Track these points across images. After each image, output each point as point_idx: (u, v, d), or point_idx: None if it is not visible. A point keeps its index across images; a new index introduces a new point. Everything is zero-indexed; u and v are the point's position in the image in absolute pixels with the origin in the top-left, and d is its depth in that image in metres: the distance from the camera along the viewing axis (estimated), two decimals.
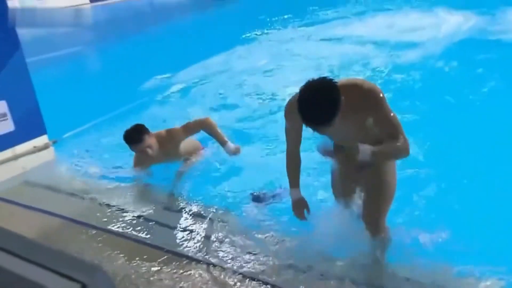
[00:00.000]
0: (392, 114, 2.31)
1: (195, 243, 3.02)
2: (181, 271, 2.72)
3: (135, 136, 3.61)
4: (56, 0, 18.42)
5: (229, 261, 2.81)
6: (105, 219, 3.37)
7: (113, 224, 3.29)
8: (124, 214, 3.42)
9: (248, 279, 2.65)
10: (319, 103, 2.11)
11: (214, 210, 3.40)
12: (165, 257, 2.88)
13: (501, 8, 9.29)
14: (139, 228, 3.23)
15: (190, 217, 3.39)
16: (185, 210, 3.47)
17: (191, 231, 3.17)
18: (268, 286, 2.60)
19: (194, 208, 3.49)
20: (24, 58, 4.32)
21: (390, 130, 2.32)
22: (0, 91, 4.12)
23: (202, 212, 3.42)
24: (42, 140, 4.49)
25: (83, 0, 19.37)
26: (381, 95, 2.29)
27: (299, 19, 11.27)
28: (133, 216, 3.38)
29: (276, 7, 13.76)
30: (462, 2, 10.39)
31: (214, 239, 3.05)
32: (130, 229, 3.22)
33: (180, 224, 3.29)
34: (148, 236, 3.13)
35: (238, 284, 2.61)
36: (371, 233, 2.72)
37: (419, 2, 11.59)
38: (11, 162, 4.22)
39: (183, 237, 3.11)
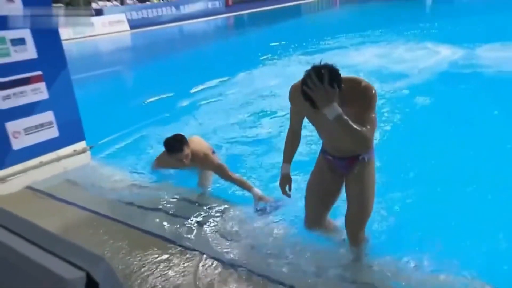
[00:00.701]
0: (373, 115, 2.18)
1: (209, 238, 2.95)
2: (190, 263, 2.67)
3: (176, 145, 3.52)
4: (102, 28, 18.75)
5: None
6: (128, 214, 3.36)
7: (134, 219, 3.26)
8: (144, 210, 3.39)
9: (254, 275, 2.55)
10: (322, 79, 2.04)
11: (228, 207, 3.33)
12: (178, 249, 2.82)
13: (479, 44, 9.28)
14: (155, 222, 3.19)
15: (209, 214, 3.30)
16: (206, 207, 3.39)
17: (210, 227, 3.10)
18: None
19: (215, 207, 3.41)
20: (70, 76, 4.31)
21: (368, 122, 2.15)
22: (49, 103, 4.11)
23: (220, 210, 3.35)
24: (81, 145, 4.47)
25: (124, 27, 19.59)
26: (376, 96, 2.21)
27: (304, 48, 11.21)
28: (150, 212, 3.35)
29: (285, 37, 13.84)
30: (448, 37, 10.38)
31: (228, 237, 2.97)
32: (147, 224, 3.18)
33: (199, 221, 3.21)
34: (167, 231, 3.06)
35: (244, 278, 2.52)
36: (352, 242, 2.62)
37: (411, 37, 11.55)
38: (55, 163, 4.21)
39: (200, 232, 3.03)
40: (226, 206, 3.36)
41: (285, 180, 2.68)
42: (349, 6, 25.08)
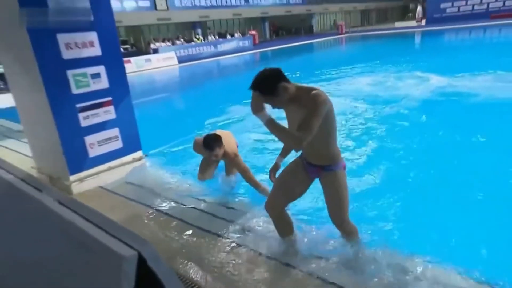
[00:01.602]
0: (317, 118, 1.99)
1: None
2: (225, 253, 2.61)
3: (212, 144, 3.40)
4: (157, 62, 19.07)
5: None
6: (173, 208, 3.37)
7: (179, 212, 3.27)
8: (186, 206, 3.40)
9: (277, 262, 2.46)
10: (259, 76, 2.05)
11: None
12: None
13: (462, 73, 9.02)
14: (195, 215, 3.19)
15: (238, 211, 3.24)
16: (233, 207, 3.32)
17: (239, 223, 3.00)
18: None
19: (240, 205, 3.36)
20: (131, 100, 4.36)
21: (306, 127, 1.98)
22: (116, 122, 4.14)
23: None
24: (138, 154, 4.47)
25: (174, 62, 19.87)
26: (323, 103, 2.00)
27: (314, 76, 11.05)
28: (192, 208, 3.35)
29: (299, 68, 13.72)
30: (435, 68, 10.09)
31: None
32: (188, 216, 3.17)
33: (227, 216, 3.16)
34: (205, 223, 3.04)
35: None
36: (341, 233, 2.49)
37: (403, 67, 11.28)
38: (119, 168, 4.24)
39: (231, 227, 2.95)
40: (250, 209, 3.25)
41: (274, 169, 2.61)
42: (353, 43, 24.79)
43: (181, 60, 20.32)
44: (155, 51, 20.17)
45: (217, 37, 25.17)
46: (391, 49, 18.74)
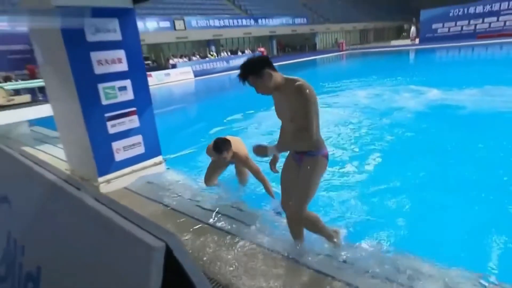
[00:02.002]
0: (312, 113, 1.99)
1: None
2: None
3: (220, 147, 3.30)
4: (175, 76, 19.26)
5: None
6: (189, 208, 3.37)
7: (195, 212, 3.27)
8: (201, 206, 3.40)
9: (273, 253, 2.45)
10: (249, 58, 2.09)
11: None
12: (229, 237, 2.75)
13: (454, 86, 9.00)
14: (210, 215, 3.17)
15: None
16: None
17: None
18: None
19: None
20: (153, 110, 4.38)
21: (304, 124, 2.00)
22: (139, 129, 4.18)
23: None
24: (158, 158, 4.48)
25: (191, 76, 20.04)
26: (309, 96, 1.99)
27: (316, 89, 11.01)
28: (206, 208, 3.33)
29: None
30: (428, 82, 10.06)
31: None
32: (204, 216, 3.15)
33: (241, 214, 3.16)
34: (218, 223, 3.00)
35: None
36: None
37: (399, 81, 11.25)
38: (141, 171, 4.26)
39: (243, 225, 2.93)
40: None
41: (274, 160, 2.61)
42: (353, 59, 24.75)
43: (196, 74, 20.46)
44: (174, 66, 20.37)
45: (229, 54, 25.33)
46: (388, 64, 18.69)
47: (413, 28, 30.77)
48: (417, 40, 29.42)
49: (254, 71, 2.05)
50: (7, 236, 1.66)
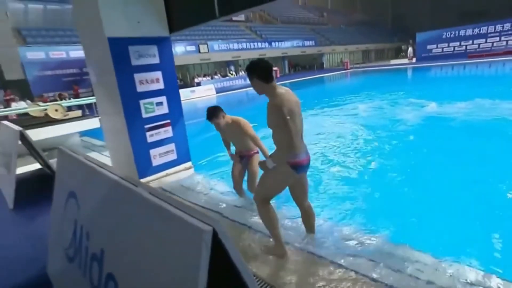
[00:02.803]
0: (285, 119, 1.98)
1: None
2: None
3: (208, 115, 3.13)
4: (200, 93, 19.61)
5: None
6: (216, 205, 3.40)
7: (220, 209, 3.30)
8: (227, 204, 3.42)
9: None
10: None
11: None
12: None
13: (449, 100, 8.87)
14: (234, 212, 3.19)
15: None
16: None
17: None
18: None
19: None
20: (184, 121, 4.49)
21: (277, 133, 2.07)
22: (172, 139, 4.29)
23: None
24: (188, 164, 4.56)
25: (213, 93, 20.35)
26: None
27: (324, 103, 11.02)
28: (231, 205, 3.37)
29: (312, 96, 13.75)
30: (426, 96, 9.95)
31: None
32: (228, 212, 3.19)
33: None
34: (242, 219, 3.00)
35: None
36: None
37: (398, 95, 11.12)
38: (174, 174, 4.36)
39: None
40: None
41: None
42: (356, 76, 24.58)
43: (218, 91, 20.72)
44: (198, 84, 20.68)
45: (246, 73, 25.58)
46: (388, 81, 18.45)
47: (410, 49, 30.38)
48: (414, 59, 29.04)
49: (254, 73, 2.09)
50: (74, 225, 1.79)
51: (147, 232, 1.16)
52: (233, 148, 3.52)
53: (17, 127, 3.66)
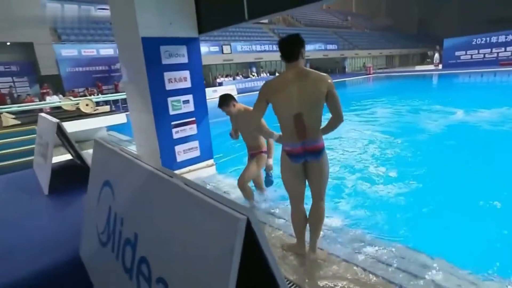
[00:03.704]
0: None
1: None
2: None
3: (219, 102, 3.07)
4: (221, 92, 19.76)
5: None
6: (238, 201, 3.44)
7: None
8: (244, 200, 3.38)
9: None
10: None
11: None
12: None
13: (476, 107, 8.58)
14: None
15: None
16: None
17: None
18: None
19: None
20: (208, 120, 4.60)
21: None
22: (197, 136, 4.43)
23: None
24: (210, 161, 4.67)
25: (235, 93, 20.51)
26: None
27: (347, 106, 10.86)
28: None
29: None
30: (450, 103, 9.73)
31: None
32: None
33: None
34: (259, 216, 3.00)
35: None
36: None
37: (424, 101, 10.85)
38: (197, 171, 4.49)
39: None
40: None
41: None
42: (379, 81, 24.10)
43: (239, 91, 20.87)
44: (220, 84, 21.02)
45: (268, 74, 25.70)
46: (412, 87, 17.97)
47: (436, 55, 29.42)
48: (440, 66, 28.10)
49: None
50: (108, 211, 1.91)
51: (182, 219, 1.22)
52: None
53: (55, 119, 3.89)
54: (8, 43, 14.78)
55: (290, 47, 2.03)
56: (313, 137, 2.05)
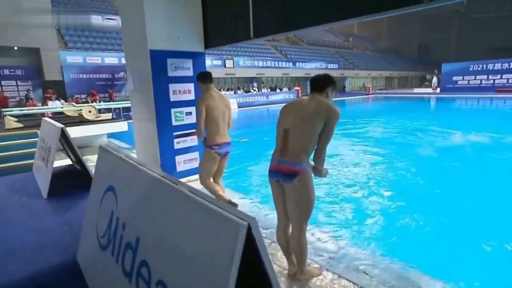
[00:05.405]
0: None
1: None
2: None
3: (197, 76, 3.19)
4: None
5: None
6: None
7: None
8: (244, 209, 3.47)
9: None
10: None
11: None
12: None
13: (472, 130, 8.69)
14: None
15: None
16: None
17: None
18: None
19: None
20: None
21: None
22: (197, 147, 4.42)
23: None
24: None
25: (236, 107, 20.64)
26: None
27: (344, 125, 10.91)
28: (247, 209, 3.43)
29: None
30: (447, 124, 9.83)
31: None
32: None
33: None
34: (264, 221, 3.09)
35: None
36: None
37: (420, 122, 10.93)
38: (195, 182, 4.23)
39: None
40: None
41: None
42: (377, 101, 24.44)
43: (240, 105, 21.06)
44: None
45: (269, 90, 26.05)
46: (410, 108, 18.25)
47: (434, 78, 30.08)
48: (438, 89, 28.66)
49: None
50: (110, 215, 1.96)
51: (185, 224, 1.27)
52: None
53: (59, 124, 3.97)
54: (16, 48, 15.04)
55: (319, 81, 2.14)
56: (291, 158, 1.93)
